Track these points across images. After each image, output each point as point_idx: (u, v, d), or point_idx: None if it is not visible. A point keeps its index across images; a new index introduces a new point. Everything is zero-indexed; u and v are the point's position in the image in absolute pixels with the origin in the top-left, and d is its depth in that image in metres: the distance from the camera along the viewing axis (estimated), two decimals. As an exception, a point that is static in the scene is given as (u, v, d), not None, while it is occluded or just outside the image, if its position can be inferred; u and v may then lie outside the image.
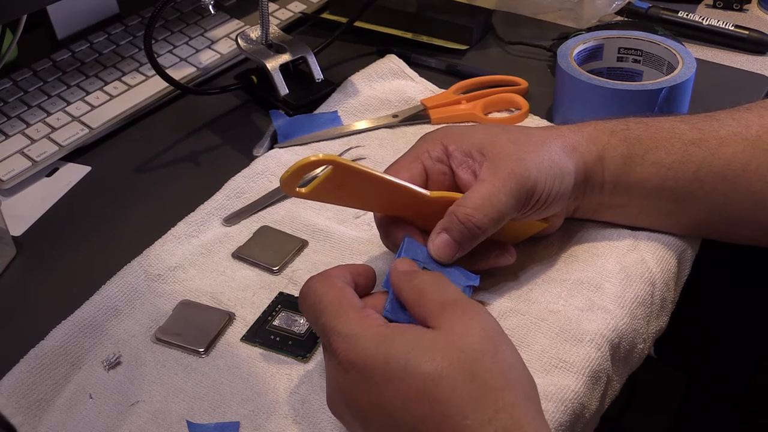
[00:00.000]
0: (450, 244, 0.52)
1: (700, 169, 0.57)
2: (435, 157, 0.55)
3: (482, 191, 0.52)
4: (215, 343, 0.55)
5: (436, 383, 0.41)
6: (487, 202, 0.52)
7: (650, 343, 0.58)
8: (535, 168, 0.53)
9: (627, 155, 0.57)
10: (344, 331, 0.45)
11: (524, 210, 0.54)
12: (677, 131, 0.58)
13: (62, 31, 0.88)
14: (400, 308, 0.48)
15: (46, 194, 0.71)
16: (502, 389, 0.42)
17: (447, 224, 0.52)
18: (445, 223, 0.52)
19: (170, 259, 0.61)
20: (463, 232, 0.52)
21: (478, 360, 0.42)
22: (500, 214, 0.52)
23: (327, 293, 0.47)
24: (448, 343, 0.43)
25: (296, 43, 0.77)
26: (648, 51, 0.74)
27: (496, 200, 0.52)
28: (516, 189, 0.52)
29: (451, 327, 0.44)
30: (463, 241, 0.52)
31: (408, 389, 0.42)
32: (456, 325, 0.44)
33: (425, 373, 0.42)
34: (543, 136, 0.57)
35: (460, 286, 0.52)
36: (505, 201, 0.52)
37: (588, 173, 0.57)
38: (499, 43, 0.89)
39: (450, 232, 0.52)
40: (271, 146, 0.73)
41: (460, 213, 0.52)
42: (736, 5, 0.93)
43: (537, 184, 0.53)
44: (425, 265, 0.52)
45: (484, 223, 0.52)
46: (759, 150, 0.56)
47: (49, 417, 0.51)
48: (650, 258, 0.59)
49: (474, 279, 0.53)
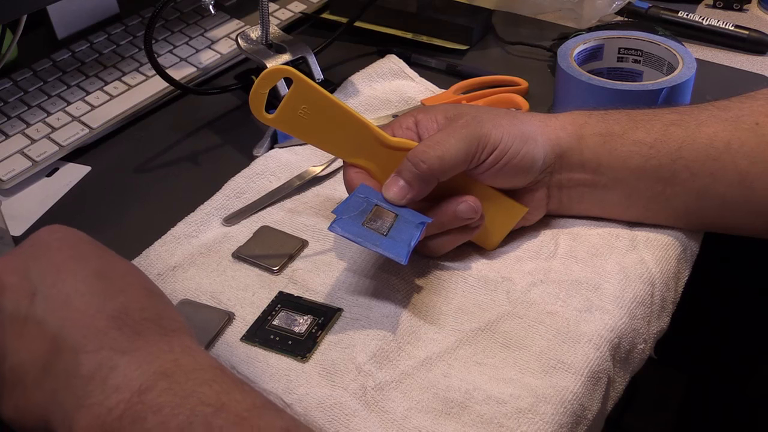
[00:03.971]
0: (400, 184, 0.55)
1: (682, 148, 0.57)
2: (405, 126, 0.59)
3: (434, 136, 0.56)
4: (215, 342, 0.55)
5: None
6: (436, 144, 0.55)
7: (651, 343, 0.58)
8: (491, 123, 0.56)
9: (606, 134, 0.58)
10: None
11: (478, 161, 0.56)
12: (657, 114, 0.60)
13: (62, 31, 0.88)
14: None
15: (46, 194, 0.71)
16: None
17: (400, 167, 0.56)
18: (399, 167, 0.55)
19: (170, 259, 0.61)
20: (412, 171, 0.55)
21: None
22: (448, 153, 0.55)
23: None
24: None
25: (296, 43, 0.77)
26: (648, 51, 0.74)
27: (444, 141, 0.55)
28: (466, 135, 0.55)
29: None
30: (413, 181, 0.55)
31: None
32: None
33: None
34: (514, 112, 0.60)
35: (412, 223, 0.54)
36: (454, 144, 0.55)
37: (563, 149, 0.58)
38: (499, 43, 0.89)
39: (401, 173, 0.55)
40: (271, 146, 0.73)
41: (410, 154, 0.55)
42: (736, 5, 0.93)
43: (491, 137, 0.55)
44: (378, 204, 0.55)
45: (433, 163, 0.54)
46: (739, 130, 0.57)
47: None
48: (649, 258, 0.59)
49: (426, 219, 0.55)
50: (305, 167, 0.70)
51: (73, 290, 0.43)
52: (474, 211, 0.56)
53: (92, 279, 0.44)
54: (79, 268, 0.45)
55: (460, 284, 0.58)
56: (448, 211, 0.56)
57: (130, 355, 0.41)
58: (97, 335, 0.42)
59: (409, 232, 0.53)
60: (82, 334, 0.42)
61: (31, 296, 0.43)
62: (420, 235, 0.54)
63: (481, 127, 0.56)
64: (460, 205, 0.56)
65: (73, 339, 0.42)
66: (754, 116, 0.57)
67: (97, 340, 0.42)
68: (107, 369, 0.41)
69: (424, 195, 0.56)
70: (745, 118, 0.57)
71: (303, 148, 0.72)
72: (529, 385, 0.50)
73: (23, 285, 0.44)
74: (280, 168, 0.70)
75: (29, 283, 0.44)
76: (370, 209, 0.54)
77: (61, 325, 0.42)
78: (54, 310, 0.43)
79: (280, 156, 0.71)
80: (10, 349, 0.43)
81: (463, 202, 0.56)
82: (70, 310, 0.43)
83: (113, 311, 0.43)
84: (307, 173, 0.69)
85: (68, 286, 0.44)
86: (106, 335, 0.42)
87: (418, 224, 0.54)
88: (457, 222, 0.57)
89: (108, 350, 0.41)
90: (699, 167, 0.57)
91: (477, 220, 0.57)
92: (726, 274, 0.89)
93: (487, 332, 0.54)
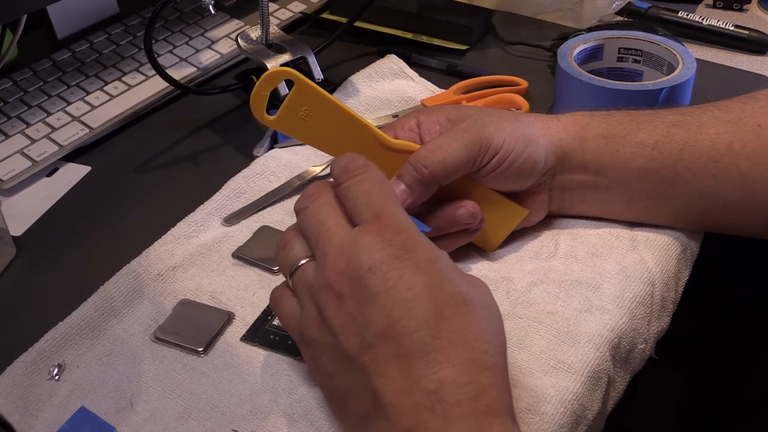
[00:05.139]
0: (401, 188, 0.54)
1: (683, 149, 0.57)
2: (407, 128, 0.59)
3: (436, 140, 0.56)
4: (214, 342, 0.55)
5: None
6: (438, 148, 0.55)
7: (652, 343, 0.58)
8: (493, 126, 0.56)
9: (608, 135, 0.58)
10: (404, 221, 0.45)
11: (480, 164, 0.56)
12: (659, 115, 0.59)
13: (62, 31, 0.88)
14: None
15: (46, 194, 0.71)
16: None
17: (401, 171, 0.55)
18: (400, 170, 0.55)
19: (170, 259, 0.61)
20: (414, 176, 0.54)
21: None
22: (450, 158, 0.54)
23: (385, 181, 0.47)
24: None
25: (296, 43, 0.77)
26: (648, 51, 0.74)
27: (446, 146, 0.55)
28: (468, 139, 0.55)
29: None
30: (414, 185, 0.54)
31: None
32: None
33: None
34: (516, 114, 0.59)
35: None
36: (456, 148, 0.54)
37: (565, 150, 0.58)
38: (499, 43, 0.89)
39: (402, 177, 0.55)
40: (271, 146, 0.73)
41: (412, 158, 0.55)
42: (736, 5, 0.93)
43: (493, 139, 0.55)
44: None
45: (435, 168, 0.54)
46: (741, 131, 0.57)
47: (45, 416, 0.51)
48: (649, 258, 0.59)
49: (425, 227, 0.54)
50: (305, 167, 0.70)
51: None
52: (473, 216, 0.56)
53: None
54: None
55: (460, 284, 0.58)
56: (448, 215, 0.56)
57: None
58: (410, 412, 0.40)
59: None
60: (396, 405, 0.41)
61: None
62: None
63: (483, 131, 0.55)
64: (459, 210, 0.56)
65: (390, 406, 0.41)
66: (756, 117, 0.57)
67: (409, 418, 0.40)
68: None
69: (425, 199, 0.55)
70: (746, 119, 0.57)
71: (303, 148, 0.72)
72: (530, 385, 0.50)
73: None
74: (280, 168, 0.70)
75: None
76: None
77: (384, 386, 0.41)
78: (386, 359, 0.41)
79: (280, 156, 0.71)
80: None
81: (463, 207, 0.56)
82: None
83: (431, 384, 0.40)
84: (307, 173, 0.69)
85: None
86: (418, 416, 0.40)
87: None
88: (456, 226, 0.57)
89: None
90: (701, 168, 0.57)
91: (476, 224, 0.57)
92: (726, 274, 0.89)
93: (487, 332, 0.54)
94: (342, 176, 0.47)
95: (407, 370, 0.41)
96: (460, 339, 0.41)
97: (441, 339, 0.41)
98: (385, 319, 0.41)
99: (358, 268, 0.43)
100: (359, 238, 0.44)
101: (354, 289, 0.43)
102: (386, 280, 0.42)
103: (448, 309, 0.41)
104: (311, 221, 0.47)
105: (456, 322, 0.41)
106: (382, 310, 0.41)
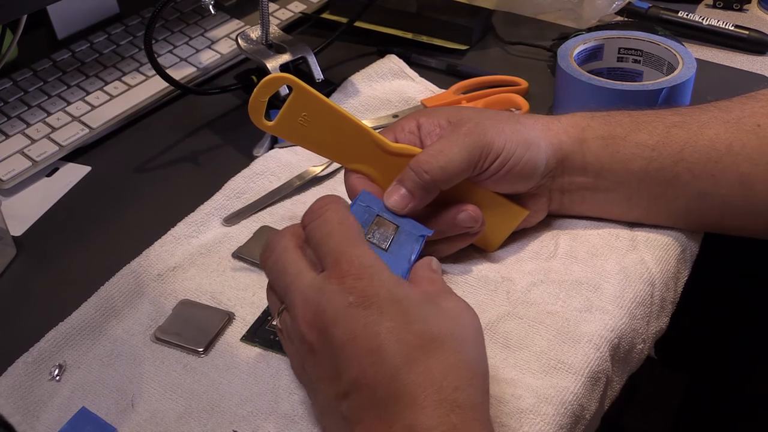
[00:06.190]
0: (402, 193, 0.54)
1: (683, 150, 0.57)
2: (407, 130, 0.58)
3: (437, 145, 0.55)
4: (214, 342, 0.55)
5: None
6: (439, 153, 0.55)
7: (650, 343, 0.58)
8: (493, 130, 0.56)
9: (608, 136, 0.58)
10: (366, 262, 0.45)
11: (481, 168, 0.55)
12: (659, 115, 0.59)
13: (62, 31, 0.88)
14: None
15: (46, 194, 0.71)
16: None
17: (402, 175, 0.55)
18: (401, 175, 0.55)
19: (170, 259, 0.61)
20: (415, 181, 0.54)
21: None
22: (451, 164, 0.54)
23: (347, 218, 0.48)
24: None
25: (296, 43, 0.77)
26: (648, 51, 0.74)
27: (448, 151, 0.54)
28: (469, 144, 0.55)
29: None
30: (415, 190, 0.54)
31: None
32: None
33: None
34: (516, 116, 0.59)
35: (413, 236, 0.54)
36: (457, 152, 0.54)
37: (566, 153, 0.58)
38: (499, 43, 0.89)
39: (403, 182, 0.55)
40: (271, 146, 0.73)
41: (413, 162, 0.55)
42: (736, 5, 0.93)
43: (494, 144, 0.55)
44: (380, 214, 0.54)
45: (436, 173, 0.54)
46: (741, 131, 0.57)
47: (46, 416, 0.51)
48: (649, 258, 0.59)
49: (427, 231, 0.54)
50: (305, 167, 0.70)
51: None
52: (474, 220, 0.56)
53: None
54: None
55: (460, 284, 0.58)
56: (449, 219, 0.56)
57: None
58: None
59: (410, 245, 0.53)
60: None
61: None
62: (420, 248, 0.53)
63: (484, 135, 0.55)
64: (460, 214, 0.56)
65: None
66: (756, 118, 0.57)
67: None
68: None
69: (426, 203, 0.55)
70: (746, 119, 0.57)
71: (303, 148, 0.72)
72: (530, 385, 0.50)
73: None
74: (280, 168, 0.70)
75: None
76: (371, 220, 0.53)
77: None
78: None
79: (280, 156, 0.71)
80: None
81: (464, 210, 0.56)
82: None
83: (402, 430, 0.41)
84: (307, 173, 0.69)
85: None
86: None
87: (418, 237, 0.53)
88: (457, 230, 0.57)
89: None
90: (700, 169, 0.57)
91: (477, 227, 0.57)
92: (726, 274, 0.89)
93: (487, 332, 0.54)
94: (305, 218, 0.49)
95: (382, 417, 0.42)
96: (428, 381, 0.41)
97: (409, 384, 0.41)
98: (357, 368, 0.42)
99: (324, 319, 0.44)
100: (323, 286, 0.45)
101: (323, 341, 0.44)
102: (350, 331, 0.43)
103: (414, 352, 0.42)
104: (276, 272, 0.48)
105: (423, 363, 0.42)
106: (352, 360, 0.42)
